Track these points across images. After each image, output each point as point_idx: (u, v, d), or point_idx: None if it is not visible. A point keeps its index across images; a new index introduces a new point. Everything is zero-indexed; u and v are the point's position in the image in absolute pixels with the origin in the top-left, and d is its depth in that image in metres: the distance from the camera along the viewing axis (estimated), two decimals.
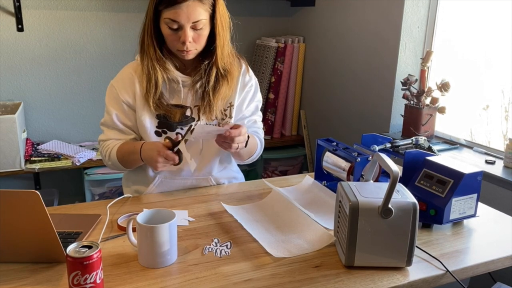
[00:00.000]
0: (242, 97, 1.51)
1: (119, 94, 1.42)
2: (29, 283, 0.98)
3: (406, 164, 1.33)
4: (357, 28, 2.69)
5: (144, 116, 1.42)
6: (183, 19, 1.28)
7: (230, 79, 1.43)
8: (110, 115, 1.44)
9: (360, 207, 1.02)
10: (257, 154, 1.57)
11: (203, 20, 1.30)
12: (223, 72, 1.41)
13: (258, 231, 1.21)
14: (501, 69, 2.13)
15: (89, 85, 2.91)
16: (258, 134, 1.57)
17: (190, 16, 1.28)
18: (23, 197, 0.95)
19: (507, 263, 1.15)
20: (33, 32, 2.71)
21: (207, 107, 1.43)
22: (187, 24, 1.29)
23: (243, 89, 1.51)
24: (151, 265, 1.04)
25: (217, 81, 1.41)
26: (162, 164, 1.32)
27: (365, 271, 1.05)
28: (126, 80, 1.43)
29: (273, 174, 3.26)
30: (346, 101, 2.85)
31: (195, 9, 1.28)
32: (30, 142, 2.75)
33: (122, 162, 1.44)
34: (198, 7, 1.28)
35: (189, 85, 1.42)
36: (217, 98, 1.42)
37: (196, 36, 1.32)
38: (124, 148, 1.42)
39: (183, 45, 1.32)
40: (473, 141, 2.28)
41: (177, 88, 1.42)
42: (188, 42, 1.31)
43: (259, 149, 1.56)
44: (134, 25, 2.87)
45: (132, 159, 1.41)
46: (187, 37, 1.30)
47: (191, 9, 1.27)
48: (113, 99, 1.44)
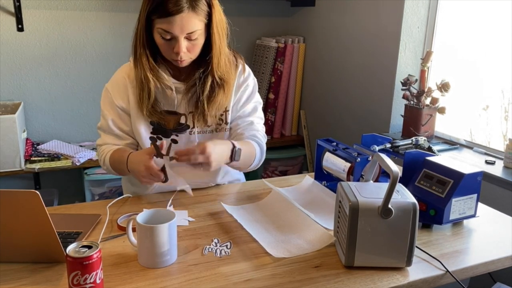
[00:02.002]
0: (238, 97, 1.47)
1: (114, 99, 1.40)
2: (29, 283, 0.97)
3: (406, 164, 1.33)
4: (357, 28, 2.69)
5: (139, 122, 1.39)
6: (176, 31, 1.23)
7: (226, 88, 1.38)
8: (106, 120, 1.42)
9: (360, 207, 1.02)
10: (258, 161, 1.49)
11: (198, 31, 1.26)
12: (219, 81, 1.36)
13: (258, 231, 1.21)
14: (501, 69, 2.13)
15: (89, 85, 2.91)
16: (257, 138, 1.48)
17: (184, 27, 1.23)
18: (23, 197, 0.95)
19: (507, 263, 1.15)
20: (33, 32, 2.71)
21: (200, 115, 1.39)
22: (180, 35, 1.24)
23: (238, 89, 1.46)
24: (151, 265, 1.04)
25: (212, 90, 1.36)
26: (147, 180, 1.28)
27: (365, 271, 1.05)
28: (120, 85, 1.40)
29: (273, 174, 3.26)
30: (346, 101, 2.85)
31: (189, 21, 1.23)
32: (30, 142, 2.75)
33: (114, 170, 1.41)
34: (193, 18, 1.23)
35: (183, 91, 1.39)
36: (212, 107, 1.38)
37: (191, 46, 1.28)
38: (115, 156, 1.39)
39: (177, 55, 1.28)
40: (473, 141, 2.28)
41: (171, 95, 1.39)
42: (182, 52, 1.27)
43: (258, 155, 1.48)
44: (134, 25, 2.86)
45: (121, 168, 1.37)
46: (181, 48, 1.26)
47: (185, 20, 1.22)
48: (108, 104, 1.41)
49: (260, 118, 1.54)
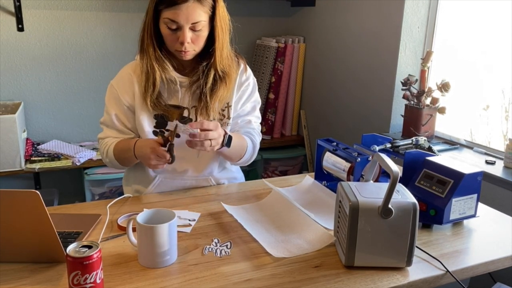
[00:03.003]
0: (239, 96, 1.51)
1: (119, 95, 1.43)
2: (29, 283, 0.98)
3: (406, 164, 1.33)
4: (357, 28, 2.69)
5: (143, 116, 1.42)
6: (182, 20, 1.29)
7: (228, 81, 1.43)
8: (109, 115, 1.45)
9: (360, 207, 1.02)
10: (249, 155, 1.53)
11: (202, 22, 1.31)
12: (221, 74, 1.41)
13: (258, 231, 1.21)
14: (501, 69, 2.12)
15: (89, 84, 2.91)
16: (251, 135, 1.54)
17: (189, 17, 1.29)
18: (23, 197, 0.95)
19: (507, 263, 1.15)
20: (33, 32, 2.71)
21: (204, 108, 1.42)
22: (186, 25, 1.29)
23: (239, 87, 1.50)
24: (151, 265, 1.04)
25: (215, 83, 1.41)
26: (155, 162, 1.32)
27: (365, 271, 1.05)
28: (125, 80, 1.44)
29: (273, 174, 3.26)
30: (346, 101, 2.85)
31: (194, 10, 1.28)
32: (30, 142, 2.75)
33: (119, 160, 1.45)
34: (198, 8, 1.29)
35: (187, 85, 1.43)
36: (214, 99, 1.42)
37: (195, 37, 1.33)
38: (120, 145, 1.43)
39: (181, 45, 1.33)
40: (473, 141, 2.28)
41: (175, 89, 1.42)
42: (187, 42, 1.32)
43: (250, 150, 1.52)
44: (134, 25, 2.87)
45: (127, 156, 1.41)
46: (185, 37, 1.31)
47: (190, 10, 1.28)
48: (113, 99, 1.45)
49: (257, 117, 1.59)
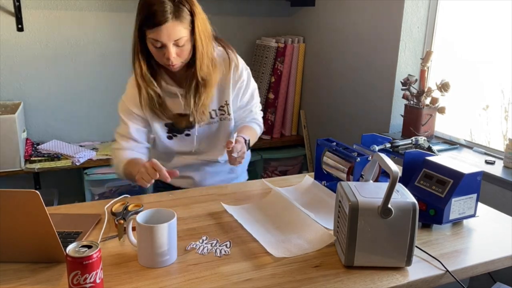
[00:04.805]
0: (235, 93, 1.60)
1: (131, 108, 1.54)
2: (29, 283, 0.98)
3: (406, 164, 1.33)
4: (357, 28, 2.69)
5: (155, 124, 1.56)
6: (164, 39, 1.37)
7: (208, 88, 1.51)
8: (125, 124, 1.55)
9: (359, 207, 1.02)
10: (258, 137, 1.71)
11: (184, 38, 1.39)
12: (201, 82, 1.49)
13: (258, 231, 1.21)
14: (501, 69, 2.13)
15: (89, 85, 2.90)
16: (257, 121, 1.70)
17: (171, 35, 1.37)
18: (23, 197, 0.96)
19: (507, 263, 1.15)
20: (33, 32, 2.71)
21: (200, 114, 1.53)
22: (169, 42, 1.37)
23: (235, 85, 1.59)
24: (150, 265, 1.04)
25: (197, 90, 1.50)
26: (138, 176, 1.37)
27: (365, 271, 1.05)
28: (131, 95, 1.54)
29: (273, 174, 3.26)
30: (346, 101, 2.85)
31: (174, 29, 1.36)
32: (30, 142, 2.75)
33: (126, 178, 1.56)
34: (178, 26, 1.37)
35: (184, 94, 1.53)
36: (198, 104, 1.51)
37: (180, 51, 1.42)
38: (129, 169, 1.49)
39: (168, 60, 1.41)
40: (473, 141, 2.28)
41: (176, 100, 1.53)
42: (172, 57, 1.40)
43: (259, 133, 1.71)
44: (134, 25, 2.86)
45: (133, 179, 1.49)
46: (170, 53, 1.39)
47: (170, 29, 1.36)
48: (125, 111, 1.55)
49: (257, 102, 1.70)
